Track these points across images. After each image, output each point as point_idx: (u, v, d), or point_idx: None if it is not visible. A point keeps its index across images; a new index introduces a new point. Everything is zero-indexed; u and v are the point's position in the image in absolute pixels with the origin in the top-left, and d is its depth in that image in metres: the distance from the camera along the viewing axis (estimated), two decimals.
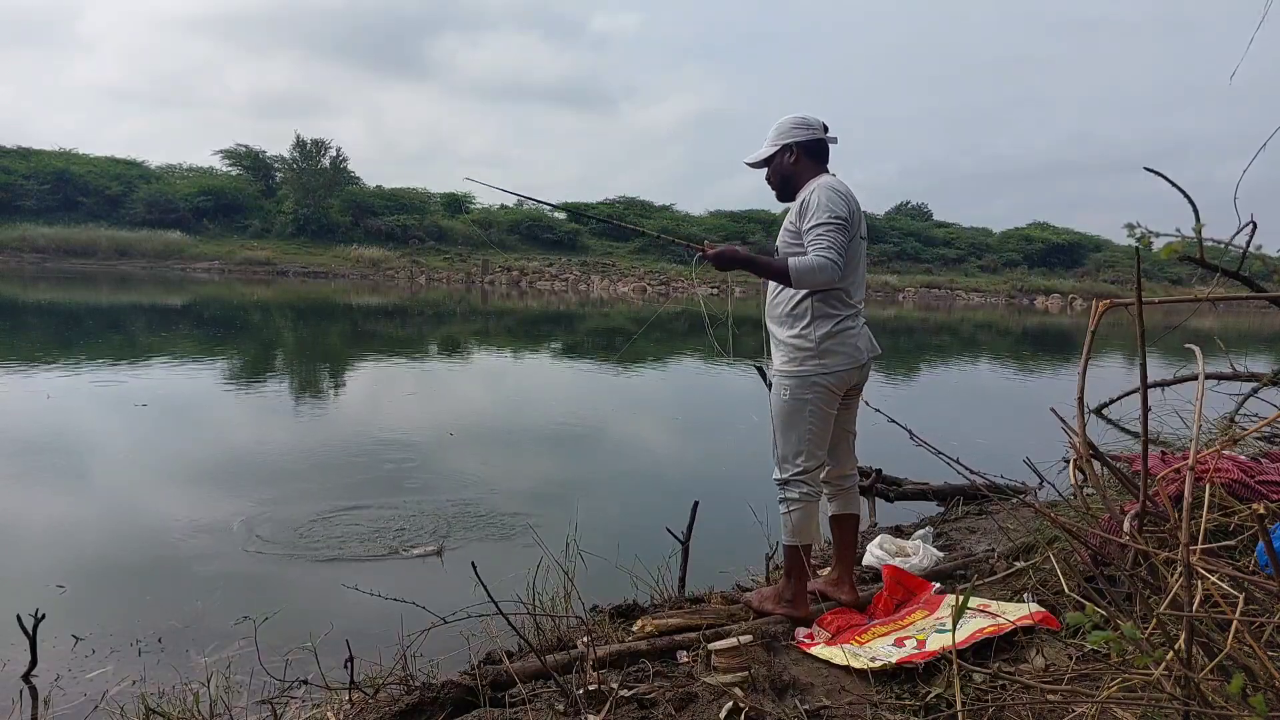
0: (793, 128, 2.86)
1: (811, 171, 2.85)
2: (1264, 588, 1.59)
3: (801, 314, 2.80)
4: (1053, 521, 2.33)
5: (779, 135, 2.87)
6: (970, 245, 47.81)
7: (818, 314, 2.78)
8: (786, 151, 2.86)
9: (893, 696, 2.30)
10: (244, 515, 4.68)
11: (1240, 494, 2.68)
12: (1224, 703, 1.34)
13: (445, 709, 2.30)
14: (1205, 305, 2.49)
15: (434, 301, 25.62)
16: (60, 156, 38.35)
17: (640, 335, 14.85)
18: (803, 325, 2.79)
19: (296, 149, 39.67)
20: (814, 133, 2.85)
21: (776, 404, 2.85)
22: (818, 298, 2.77)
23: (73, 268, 30.17)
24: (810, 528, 2.88)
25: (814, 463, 2.85)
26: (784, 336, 2.84)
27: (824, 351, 2.77)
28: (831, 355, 2.78)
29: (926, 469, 5.04)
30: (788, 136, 2.85)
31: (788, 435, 2.84)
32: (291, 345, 14.51)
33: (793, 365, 2.81)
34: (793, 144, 2.85)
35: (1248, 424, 5.44)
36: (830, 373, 2.78)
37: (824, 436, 2.86)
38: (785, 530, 2.88)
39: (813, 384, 2.78)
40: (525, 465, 6.34)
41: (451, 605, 2.66)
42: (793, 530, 2.85)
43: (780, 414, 2.85)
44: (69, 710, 2.72)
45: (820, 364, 2.78)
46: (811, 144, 2.85)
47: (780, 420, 2.85)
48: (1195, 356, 2.24)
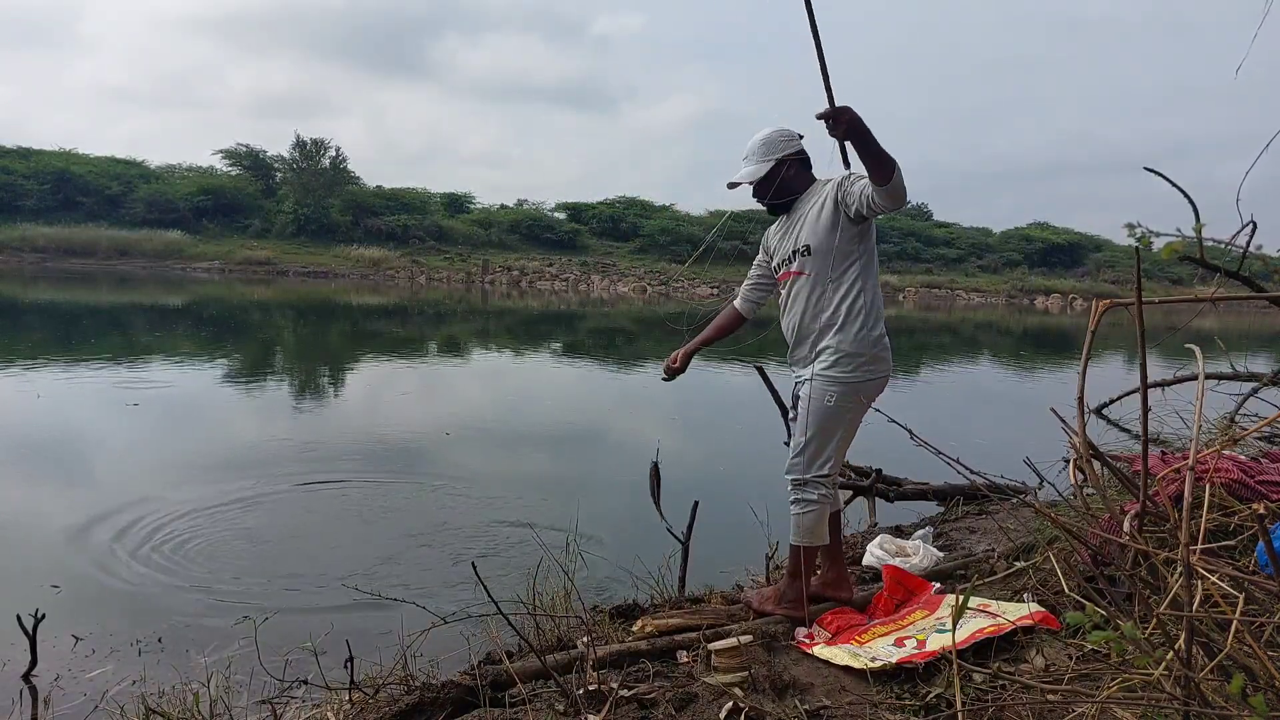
0: (784, 141, 2.87)
1: (807, 179, 2.91)
2: (1264, 588, 1.59)
3: (858, 312, 2.76)
4: (1053, 521, 2.33)
5: (770, 150, 2.86)
6: (970, 245, 47.79)
7: (873, 314, 2.79)
8: (785, 165, 2.86)
9: (893, 696, 2.31)
10: (239, 514, 4.69)
11: (1240, 494, 2.68)
12: (1224, 703, 1.34)
13: (445, 709, 2.30)
14: (1205, 305, 2.49)
15: (434, 301, 25.62)
16: (60, 156, 38.35)
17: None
18: (858, 327, 2.76)
19: (296, 149, 39.73)
20: (801, 143, 2.92)
21: (817, 407, 2.78)
22: (873, 294, 2.80)
23: (73, 268, 30.17)
24: (822, 530, 2.88)
25: (837, 469, 2.90)
26: (835, 341, 2.78)
27: (874, 358, 2.77)
28: (879, 362, 2.79)
29: (926, 469, 5.05)
30: (781, 150, 2.86)
31: (823, 440, 2.81)
32: (291, 345, 14.51)
33: (842, 371, 2.76)
34: (789, 157, 2.86)
35: (1248, 424, 5.44)
36: (875, 379, 2.80)
37: (850, 443, 2.91)
38: (796, 531, 2.87)
39: (858, 390, 2.77)
40: (525, 465, 6.34)
41: (451, 605, 2.66)
42: (805, 531, 2.85)
43: (820, 418, 2.79)
44: (69, 710, 2.73)
45: (869, 370, 2.77)
46: (804, 155, 2.91)
47: (818, 423, 2.79)
48: (1195, 356, 2.24)
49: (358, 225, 38.53)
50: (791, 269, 2.89)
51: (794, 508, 2.87)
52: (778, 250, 2.95)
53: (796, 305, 2.86)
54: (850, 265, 2.78)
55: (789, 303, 2.92)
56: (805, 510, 2.84)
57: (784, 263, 2.92)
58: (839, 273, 2.78)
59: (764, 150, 2.87)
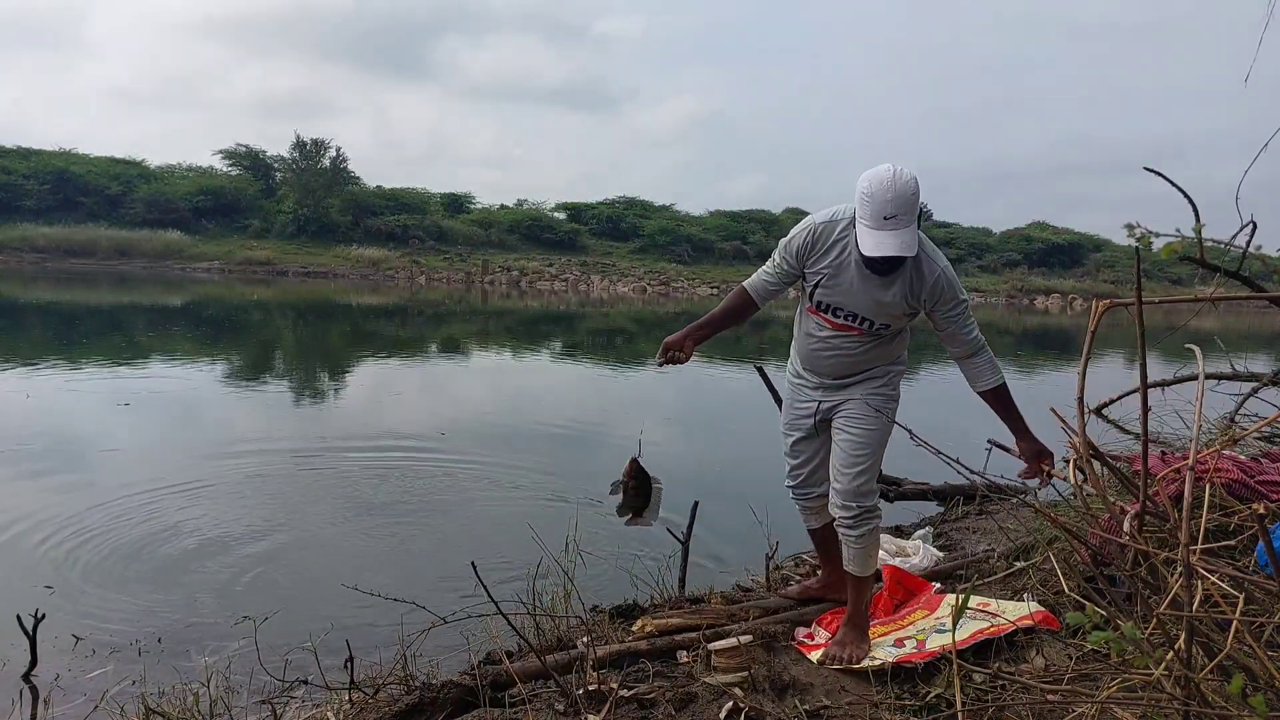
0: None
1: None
2: (1264, 588, 1.59)
3: (902, 337, 2.71)
4: (1053, 521, 2.33)
5: (916, 203, 2.31)
6: (970, 245, 47.77)
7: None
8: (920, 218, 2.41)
9: (892, 696, 2.31)
10: (235, 514, 4.69)
11: (1240, 494, 2.68)
12: (1224, 703, 1.34)
13: (445, 709, 2.30)
14: (1205, 306, 2.49)
15: (434, 301, 25.60)
16: (60, 156, 38.32)
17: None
18: (899, 348, 2.73)
19: (296, 149, 39.69)
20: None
21: (880, 427, 2.62)
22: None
23: (73, 268, 30.16)
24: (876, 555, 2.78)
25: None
26: (887, 366, 2.71)
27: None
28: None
29: (926, 469, 5.04)
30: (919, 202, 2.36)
31: (878, 461, 2.68)
32: (290, 344, 14.51)
33: (894, 389, 2.69)
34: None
35: (1248, 424, 5.44)
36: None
37: None
38: (858, 563, 2.66)
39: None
40: (524, 464, 6.33)
41: (451, 605, 2.66)
42: (869, 560, 2.69)
43: (882, 434, 2.64)
44: (69, 710, 2.72)
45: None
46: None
47: (880, 439, 2.64)
48: (1195, 356, 2.23)
49: (357, 225, 38.52)
50: (850, 326, 2.59)
51: (860, 537, 2.63)
52: (832, 291, 2.54)
53: (839, 352, 2.64)
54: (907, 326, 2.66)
55: (827, 345, 2.65)
56: (868, 541, 2.65)
57: (836, 311, 2.58)
58: (898, 331, 2.64)
59: (912, 204, 2.30)
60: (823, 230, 2.49)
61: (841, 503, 2.63)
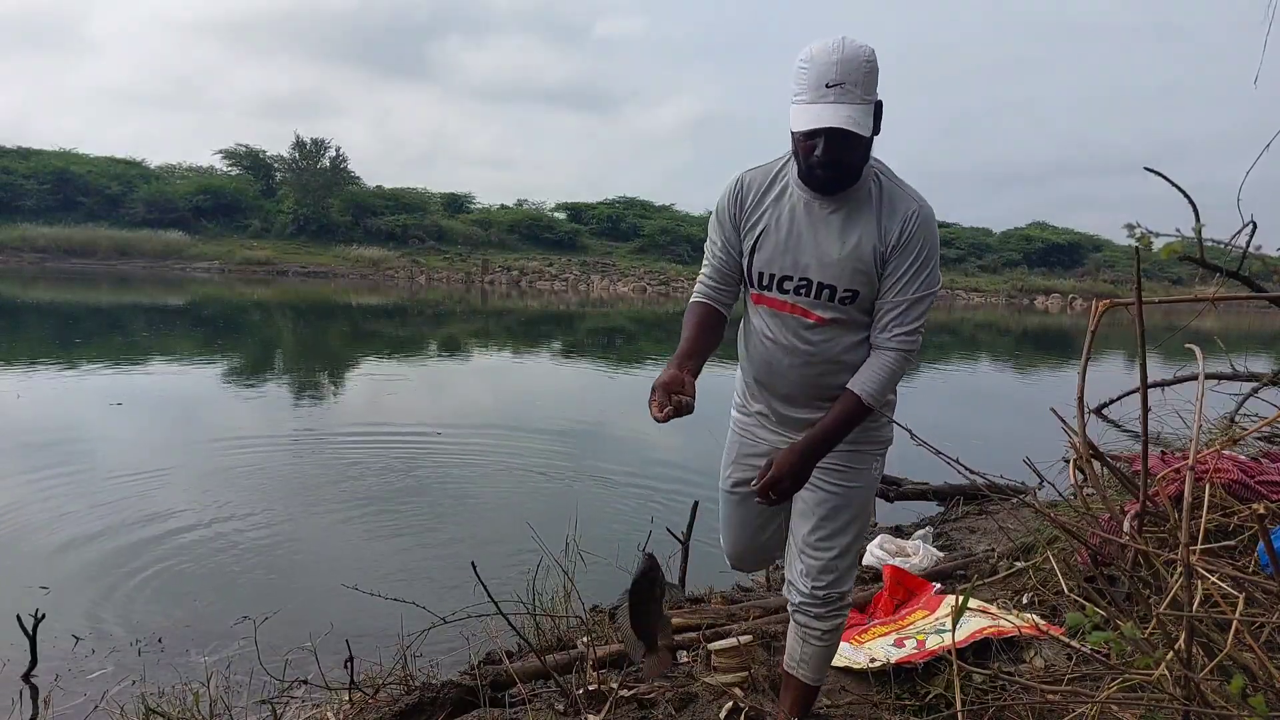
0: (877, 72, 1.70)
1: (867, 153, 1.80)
2: (1264, 588, 1.59)
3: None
4: (1053, 521, 2.33)
5: (874, 83, 1.70)
6: (970, 245, 47.77)
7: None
8: (879, 116, 1.73)
9: (892, 696, 2.31)
10: (235, 514, 4.68)
11: (1240, 494, 2.68)
12: (1224, 703, 1.34)
13: (445, 709, 2.30)
14: (1205, 305, 2.49)
15: (434, 301, 25.60)
16: (60, 156, 38.30)
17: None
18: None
19: (296, 149, 39.68)
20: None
21: (866, 485, 1.96)
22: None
23: (73, 267, 30.15)
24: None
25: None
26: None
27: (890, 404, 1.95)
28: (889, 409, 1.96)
29: (926, 469, 5.05)
30: (877, 88, 1.71)
31: (863, 531, 2.03)
32: (290, 344, 14.50)
33: (881, 430, 1.97)
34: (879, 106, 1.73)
35: (1248, 424, 5.43)
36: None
37: None
38: (811, 665, 2.03)
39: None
40: (524, 464, 6.33)
41: (451, 605, 2.66)
42: (826, 663, 2.08)
43: (866, 501, 1.99)
44: (69, 710, 2.73)
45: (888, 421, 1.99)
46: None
47: (862, 510, 1.98)
48: (1195, 356, 2.24)
49: (357, 225, 38.50)
50: (806, 308, 1.85)
51: (826, 633, 1.98)
52: (774, 252, 1.86)
53: (800, 355, 1.89)
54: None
55: (783, 346, 1.90)
56: (832, 639, 2.01)
57: (784, 283, 1.86)
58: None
59: (870, 81, 1.68)
60: (752, 177, 1.91)
61: (807, 589, 1.94)
